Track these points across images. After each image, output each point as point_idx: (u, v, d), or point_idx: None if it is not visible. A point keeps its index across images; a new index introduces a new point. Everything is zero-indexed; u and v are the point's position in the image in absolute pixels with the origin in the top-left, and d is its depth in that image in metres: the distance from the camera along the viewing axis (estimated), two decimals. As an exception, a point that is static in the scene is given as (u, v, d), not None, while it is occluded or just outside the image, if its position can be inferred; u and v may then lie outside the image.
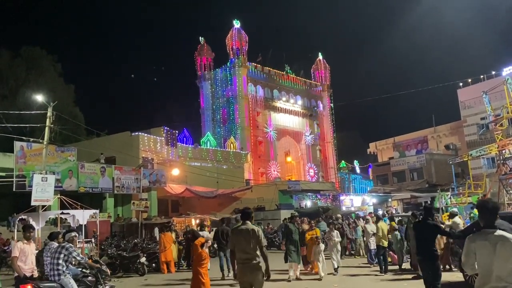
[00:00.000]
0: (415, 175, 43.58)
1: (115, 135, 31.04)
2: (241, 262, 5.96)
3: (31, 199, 14.03)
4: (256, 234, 5.94)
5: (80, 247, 12.69)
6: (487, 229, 3.79)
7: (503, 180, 21.07)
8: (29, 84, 37.94)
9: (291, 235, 11.93)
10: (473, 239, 3.83)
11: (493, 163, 33.42)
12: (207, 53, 49.55)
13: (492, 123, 25.10)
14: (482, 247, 3.73)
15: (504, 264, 3.58)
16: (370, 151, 58.07)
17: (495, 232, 3.72)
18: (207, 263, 8.46)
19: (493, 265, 3.63)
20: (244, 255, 5.92)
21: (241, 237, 5.96)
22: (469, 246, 3.85)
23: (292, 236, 11.90)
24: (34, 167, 20.14)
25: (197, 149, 36.32)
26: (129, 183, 25.87)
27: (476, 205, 4.17)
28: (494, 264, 3.62)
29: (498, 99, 28.80)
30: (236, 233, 6.11)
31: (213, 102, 48.13)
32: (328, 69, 56.59)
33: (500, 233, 3.70)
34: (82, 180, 23.47)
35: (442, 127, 49.94)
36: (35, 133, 27.01)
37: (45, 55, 42.48)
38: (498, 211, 4.01)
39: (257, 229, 6.04)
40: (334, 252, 12.40)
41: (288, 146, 50.94)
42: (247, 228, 6.00)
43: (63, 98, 35.31)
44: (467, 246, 3.87)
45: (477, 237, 3.82)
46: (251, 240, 5.89)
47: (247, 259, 5.87)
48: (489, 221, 3.85)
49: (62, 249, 7.16)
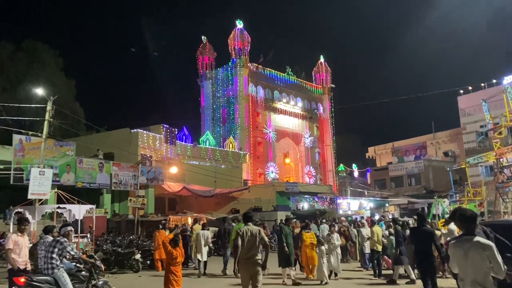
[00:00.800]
0: (413, 180, 43.70)
1: (114, 131, 31.04)
2: (245, 258, 6.89)
3: (28, 193, 14.03)
4: (261, 235, 7.04)
5: (75, 242, 12.71)
6: (466, 235, 4.02)
7: (500, 188, 21.14)
8: (30, 77, 37.94)
9: (286, 238, 11.65)
10: (452, 245, 4.09)
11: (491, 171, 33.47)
12: (209, 53, 49.60)
13: (491, 131, 25.17)
14: (457, 253, 3.97)
15: (478, 268, 3.78)
16: (368, 155, 58.18)
17: (473, 239, 3.92)
18: (179, 261, 7.41)
19: (468, 269, 3.85)
20: (249, 252, 6.91)
21: (248, 237, 6.95)
22: (450, 251, 4.12)
23: (287, 239, 11.65)
24: (32, 161, 20.15)
25: (196, 147, 36.33)
26: (126, 179, 25.86)
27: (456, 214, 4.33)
28: (469, 269, 3.84)
29: (498, 108, 28.88)
30: (243, 232, 7.00)
31: (213, 102, 48.16)
32: (329, 72, 56.65)
33: (476, 239, 3.91)
34: (80, 175, 23.47)
35: (441, 133, 50.04)
36: (34, 127, 26.99)
37: (47, 49, 42.50)
38: (476, 219, 4.23)
39: (260, 230, 7.13)
40: (334, 257, 12.01)
41: (287, 147, 50.97)
42: (253, 229, 7.06)
43: (63, 93, 35.32)
44: (449, 251, 4.14)
45: (455, 243, 4.07)
46: (256, 239, 6.95)
47: (252, 255, 6.88)
48: (468, 228, 4.06)
49: (57, 243, 7.16)
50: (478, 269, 3.79)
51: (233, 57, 46.64)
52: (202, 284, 11.88)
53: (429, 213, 23.94)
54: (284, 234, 11.70)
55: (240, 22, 47.36)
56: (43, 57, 41.40)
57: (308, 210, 31.71)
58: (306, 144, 51.31)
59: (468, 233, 4.03)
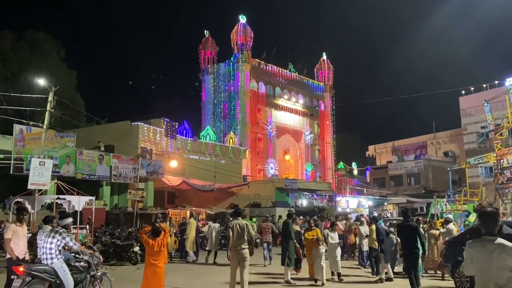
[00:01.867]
0: (412, 180, 43.71)
1: (115, 124, 31.02)
2: (235, 246, 8.34)
3: (28, 183, 14.03)
4: (247, 228, 8.51)
5: (74, 233, 12.72)
6: (487, 236, 3.72)
7: (499, 189, 21.15)
8: (32, 67, 37.88)
9: (291, 236, 11.11)
10: (472, 246, 3.78)
11: (491, 172, 33.48)
12: (212, 47, 49.44)
13: (492, 132, 25.14)
14: (479, 254, 3.68)
15: (501, 272, 3.52)
16: (368, 153, 58.21)
17: (495, 240, 3.64)
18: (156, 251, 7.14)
19: (491, 273, 3.58)
20: (239, 242, 8.36)
21: (237, 229, 8.42)
22: (468, 252, 3.80)
23: (291, 237, 11.13)
24: (33, 151, 20.15)
25: (196, 142, 36.31)
26: (126, 172, 25.87)
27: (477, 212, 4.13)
28: (492, 272, 3.57)
29: (500, 109, 28.87)
30: (233, 226, 8.50)
31: (214, 96, 48.08)
32: (332, 70, 56.56)
33: (499, 241, 3.62)
34: (80, 166, 23.47)
35: (442, 133, 50.05)
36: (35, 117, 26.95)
37: (49, 40, 42.44)
38: (498, 217, 3.88)
39: (247, 224, 8.65)
40: (333, 256, 11.46)
41: (287, 144, 50.95)
42: (241, 223, 8.54)
43: (65, 84, 35.28)
44: (466, 252, 3.82)
45: (475, 244, 3.76)
46: (244, 232, 8.41)
47: (240, 244, 8.34)
48: (489, 227, 3.76)
49: (56, 233, 7.14)
50: (502, 273, 3.51)
51: (236, 52, 46.51)
52: (195, 278, 11.89)
53: (428, 212, 23.95)
54: (290, 231, 11.13)
55: (243, 17, 47.20)
56: (45, 47, 41.35)
57: (306, 207, 31.77)
58: (306, 141, 51.29)
59: (489, 233, 3.72)
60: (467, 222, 18.78)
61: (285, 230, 11.34)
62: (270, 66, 49.00)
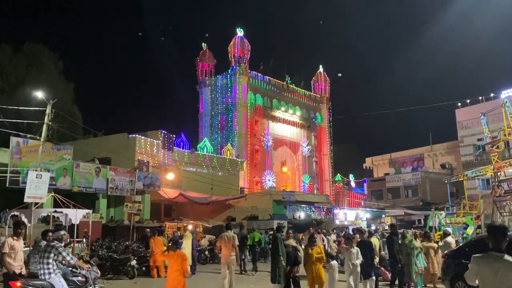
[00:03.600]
0: (410, 192, 43.68)
1: (112, 136, 30.94)
2: (224, 254, 10.89)
3: (25, 196, 13.93)
4: (234, 239, 11.02)
5: (70, 246, 12.59)
6: (494, 252, 3.65)
7: (497, 202, 21.17)
8: (30, 80, 37.90)
9: (278, 251, 9.89)
10: (478, 261, 3.72)
11: (488, 184, 33.53)
12: (209, 60, 49.70)
13: (489, 145, 25.24)
14: (484, 271, 3.62)
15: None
16: (366, 165, 58.20)
17: (503, 257, 3.55)
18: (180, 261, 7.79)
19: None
20: (227, 250, 10.86)
21: (225, 240, 10.94)
22: (473, 267, 3.75)
23: (279, 253, 9.86)
24: (29, 164, 20.01)
25: (194, 154, 36.24)
26: (123, 184, 25.72)
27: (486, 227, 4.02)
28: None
29: (496, 121, 28.99)
30: (222, 237, 11.17)
31: (212, 108, 48.17)
32: (328, 82, 56.87)
33: (506, 258, 3.54)
34: (76, 179, 23.32)
35: (439, 145, 50.16)
36: (32, 130, 26.88)
37: (47, 52, 42.54)
38: (507, 232, 3.78)
39: (234, 236, 11.19)
40: (353, 278, 9.72)
41: (284, 156, 50.93)
42: (229, 235, 11.08)
43: (62, 96, 35.30)
44: (471, 266, 3.77)
45: (481, 259, 3.69)
46: (231, 242, 10.92)
47: (228, 253, 10.83)
48: (497, 243, 3.67)
49: (52, 248, 7.09)
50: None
51: (233, 65, 46.76)
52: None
53: (426, 225, 23.90)
54: (278, 244, 10.01)
55: (241, 30, 47.57)
56: (43, 60, 41.44)
57: (304, 220, 31.65)
58: (303, 153, 51.30)
59: (496, 249, 3.63)
60: (465, 235, 18.77)
61: (273, 245, 10.37)
62: (267, 78, 49.23)
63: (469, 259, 3.87)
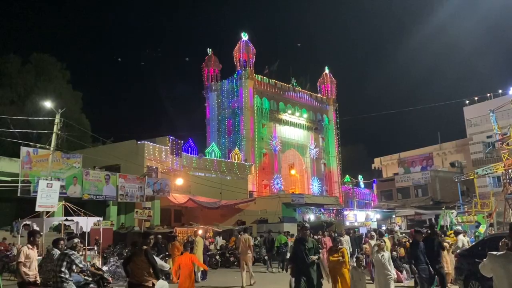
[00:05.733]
0: (420, 191, 43.37)
1: (120, 143, 31.16)
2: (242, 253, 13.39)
3: (36, 205, 14.06)
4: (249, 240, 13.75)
5: (83, 254, 12.67)
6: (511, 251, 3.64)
7: (509, 199, 20.96)
8: (38, 90, 38.30)
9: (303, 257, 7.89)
10: (493, 260, 3.73)
11: (499, 182, 33.22)
12: (215, 65, 49.85)
13: (499, 142, 25.01)
14: (498, 270, 3.64)
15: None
16: (374, 166, 57.93)
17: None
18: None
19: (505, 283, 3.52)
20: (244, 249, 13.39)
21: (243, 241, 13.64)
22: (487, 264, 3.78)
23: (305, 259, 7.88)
24: (40, 173, 20.23)
25: (202, 159, 36.34)
26: (133, 191, 25.88)
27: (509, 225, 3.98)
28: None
29: (505, 118, 28.78)
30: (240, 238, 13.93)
31: (218, 113, 48.28)
32: (335, 83, 56.72)
33: None
34: (87, 187, 23.51)
35: (448, 144, 49.79)
36: (42, 139, 27.17)
37: (54, 62, 42.97)
38: None
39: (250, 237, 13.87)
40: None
41: (292, 159, 50.85)
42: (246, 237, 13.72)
43: (70, 105, 35.60)
44: (486, 262, 3.79)
45: (497, 258, 3.71)
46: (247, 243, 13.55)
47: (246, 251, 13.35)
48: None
49: (65, 256, 7.15)
50: None
51: (238, 69, 46.86)
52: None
53: (437, 224, 23.72)
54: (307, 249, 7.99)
55: (246, 34, 47.68)
56: (50, 70, 41.87)
57: (314, 222, 31.54)
58: (311, 155, 51.19)
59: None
60: (477, 233, 18.60)
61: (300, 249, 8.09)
62: (273, 81, 49.26)
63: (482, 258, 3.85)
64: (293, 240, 14.66)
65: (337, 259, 8.58)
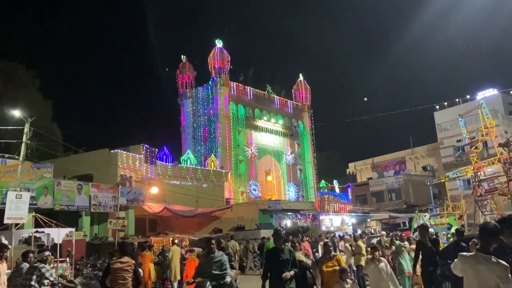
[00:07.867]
0: (393, 195, 44.19)
1: (93, 152, 30.56)
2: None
3: (4, 217, 13.61)
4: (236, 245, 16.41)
5: (54, 266, 12.31)
6: (481, 253, 3.67)
7: (478, 201, 21.53)
8: (7, 98, 37.23)
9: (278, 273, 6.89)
10: (464, 260, 3.77)
11: (469, 184, 34.13)
12: (189, 71, 49.56)
13: (468, 146, 25.73)
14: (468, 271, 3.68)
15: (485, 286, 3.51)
16: (349, 171, 58.71)
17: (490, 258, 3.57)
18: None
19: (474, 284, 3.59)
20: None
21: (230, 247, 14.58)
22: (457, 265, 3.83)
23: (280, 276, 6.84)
24: (8, 184, 19.59)
25: (177, 167, 35.98)
26: (106, 201, 25.36)
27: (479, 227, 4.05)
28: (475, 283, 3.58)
29: (473, 122, 29.63)
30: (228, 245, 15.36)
31: (194, 120, 47.97)
32: (309, 90, 57.31)
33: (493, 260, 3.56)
34: (58, 197, 22.91)
35: (420, 148, 50.96)
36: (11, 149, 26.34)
37: (24, 70, 41.92)
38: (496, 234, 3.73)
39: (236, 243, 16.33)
40: None
41: (268, 165, 50.96)
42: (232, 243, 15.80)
43: (40, 114, 34.71)
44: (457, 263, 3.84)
45: (468, 259, 3.74)
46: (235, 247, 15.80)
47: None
48: (484, 244, 3.69)
49: (35, 270, 6.94)
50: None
51: (213, 76, 46.75)
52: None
53: (411, 227, 24.15)
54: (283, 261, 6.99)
55: (220, 41, 47.67)
56: (20, 78, 40.79)
57: (291, 228, 31.62)
58: (287, 161, 51.44)
59: (483, 250, 3.64)
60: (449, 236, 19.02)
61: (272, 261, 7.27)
62: (249, 88, 49.38)
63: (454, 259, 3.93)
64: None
65: (332, 269, 7.46)
